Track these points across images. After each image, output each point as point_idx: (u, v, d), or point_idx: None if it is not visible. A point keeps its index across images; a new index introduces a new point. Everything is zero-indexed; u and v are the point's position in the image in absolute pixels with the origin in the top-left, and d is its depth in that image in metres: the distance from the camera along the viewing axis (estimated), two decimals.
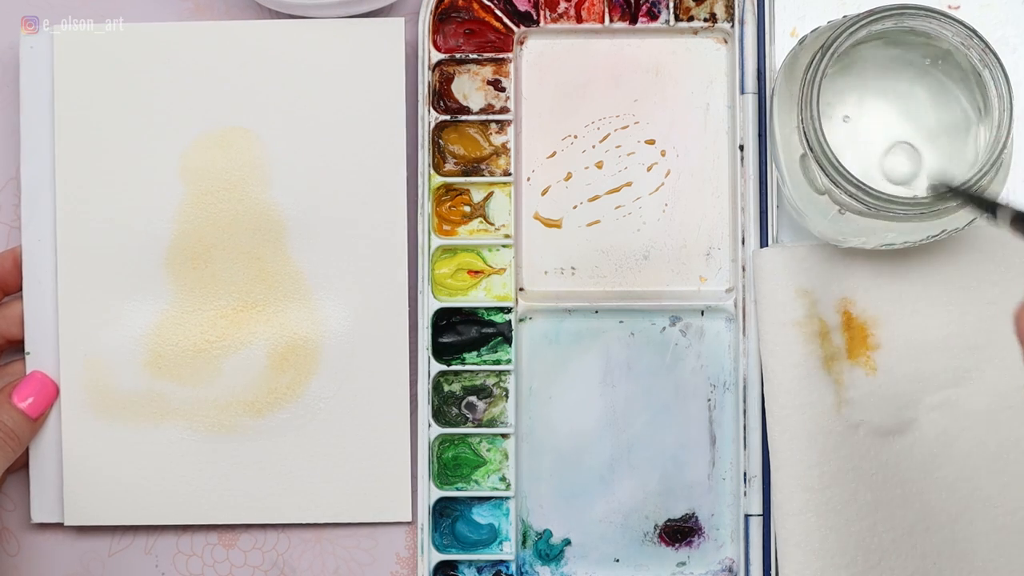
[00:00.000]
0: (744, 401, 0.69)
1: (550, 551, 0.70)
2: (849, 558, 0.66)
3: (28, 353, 0.68)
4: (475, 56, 0.70)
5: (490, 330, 0.70)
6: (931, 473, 0.67)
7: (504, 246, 0.70)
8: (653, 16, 0.70)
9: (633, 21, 0.70)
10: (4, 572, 0.70)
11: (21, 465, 0.69)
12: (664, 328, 0.70)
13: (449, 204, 0.70)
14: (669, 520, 0.70)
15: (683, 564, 0.70)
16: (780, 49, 0.69)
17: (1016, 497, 0.67)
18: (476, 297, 0.70)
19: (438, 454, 0.70)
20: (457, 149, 0.70)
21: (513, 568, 0.69)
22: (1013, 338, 0.67)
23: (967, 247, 0.68)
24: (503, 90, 0.70)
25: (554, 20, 0.70)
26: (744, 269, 0.69)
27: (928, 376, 0.67)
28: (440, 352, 0.70)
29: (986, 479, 0.67)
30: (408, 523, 0.70)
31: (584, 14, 0.70)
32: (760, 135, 0.69)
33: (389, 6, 0.70)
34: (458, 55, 0.70)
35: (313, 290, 0.69)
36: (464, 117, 0.70)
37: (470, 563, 0.70)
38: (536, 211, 0.71)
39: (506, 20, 0.70)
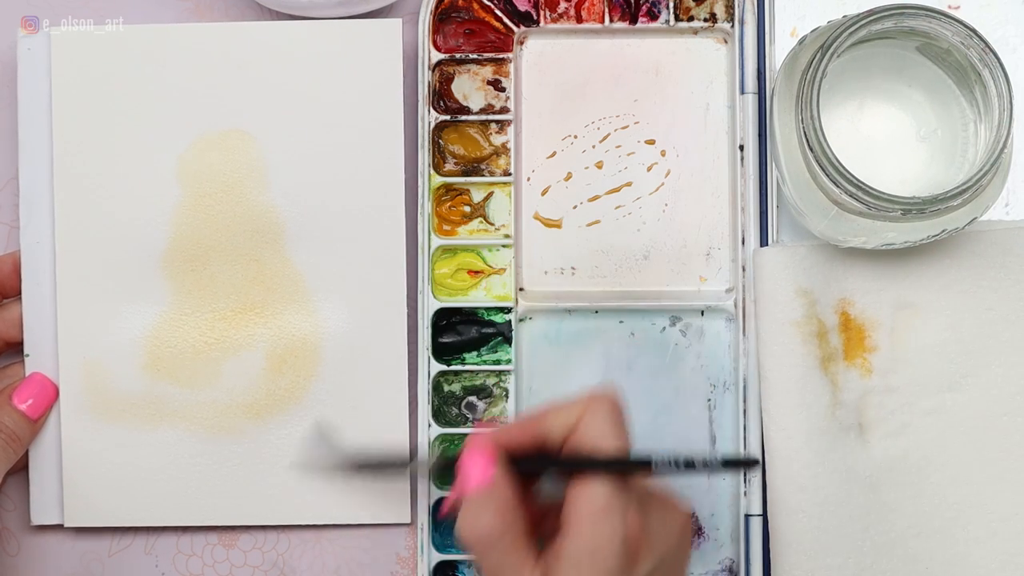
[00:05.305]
0: (744, 401, 0.69)
1: None
2: (842, 559, 0.66)
3: (27, 355, 0.69)
4: (475, 56, 0.70)
5: (490, 330, 0.70)
6: (925, 477, 0.67)
7: (504, 246, 0.70)
8: (653, 16, 0.70)
9: (633, 21, 0.70)
10: (4, 572, 0.70)
11: (21, 467, 0.69)
12: (664, 328, 0.70)
13: (449, 204, 0.70)
14: None
15: None
16: (780, 49, 0.69)
17: (1010, 503, 0.67)
18: (476, 297, 0.70)
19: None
20: (457, 149, 0.70)
21: None
22: (1009, 344, 0.67)
23: (968, 252, 0.67)
24: (503, 90, 0.70)
25: (554, 20, 0.70)
26: (744, 269, 0.69)
27: (924, 380, 0.67)
28: (440, 352, 0.70)
29: (980, 485, 0.67)
30: (408, 524, 0.70)
31: (584, 14, 0.70)
32: (760, 135, 0.69)
33: (389, 6, 0.70)
34: (458, 55, 0.70)
35: (312, 292, 0.69)
36: (464, 117, 0.70)
37: (470, 563, 0.70)
38: (536, 211, 0.71)
39: (506, 20, 0.70)
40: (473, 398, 0.70)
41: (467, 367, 0.70)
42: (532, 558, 0.55)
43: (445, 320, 0.70)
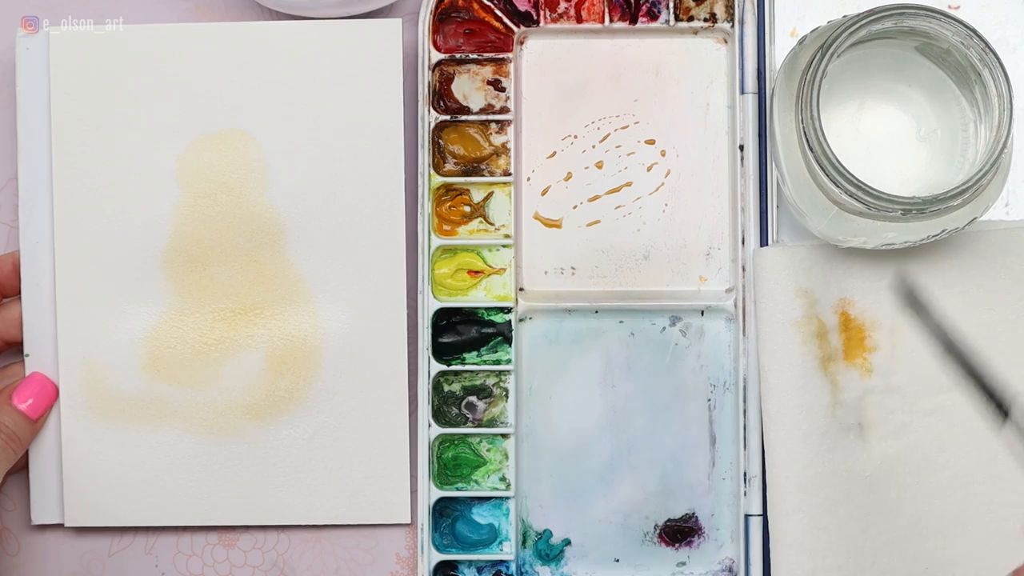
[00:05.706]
0: (744, 401, 0.69)
1: (550, 551, 0.70)
2: (841, 560, 0.66)
3: (27, 355, 0.69)
4: (475, 56, 0.70)
5: (490, 330, 0.70)
6: (925, 478, 0.67)
7: (504, 246, 0.70)
8: (653, 16, 0.70)
9: (633, 21, 0.70)
10: (4, 572, 0.70)
11: (21, 467, 0.69)
12: (664, 328, 0.70)
13: (449, 204, 0.70)
14: (669, 520, 0.70)
15: (683, 564, 0.70)
16: (780, 49, 0.69)
17: (1008, 504, 0.67)
18: (476, 297, 0.70)
19: (438, 454, 0.70)
20: (457, 149, 0.70)
21: (513, 568, 0.69)
22: (1009, 344, 0.67)
23: (968, 252, 0.67)
24: (503, 90, 0.70)
25: (554, 20, 0.70)
26: (744, 269, 0.69)
27: (924, 380, 0.67)
28: (440, 352, 0.70)
29: (979, 485, 0.67)
30: (408, 524, 0.70)
31: (584, 14, 0.70)
32: (760, 135, 0.69)
33: (389, 6, 0.70)
34: (458, 55, 0.70)
35: (312, 292, 0.69)
36: (464, 117, 0.70)
37: (470, 563, 0.70)
38: (536, 211, 0.71)
39: (506, 20, 0.70)
40: (473, 398, 0.70)
41: (467, 367, 0.70)
42: None
43: (445, 320, 0.70)
